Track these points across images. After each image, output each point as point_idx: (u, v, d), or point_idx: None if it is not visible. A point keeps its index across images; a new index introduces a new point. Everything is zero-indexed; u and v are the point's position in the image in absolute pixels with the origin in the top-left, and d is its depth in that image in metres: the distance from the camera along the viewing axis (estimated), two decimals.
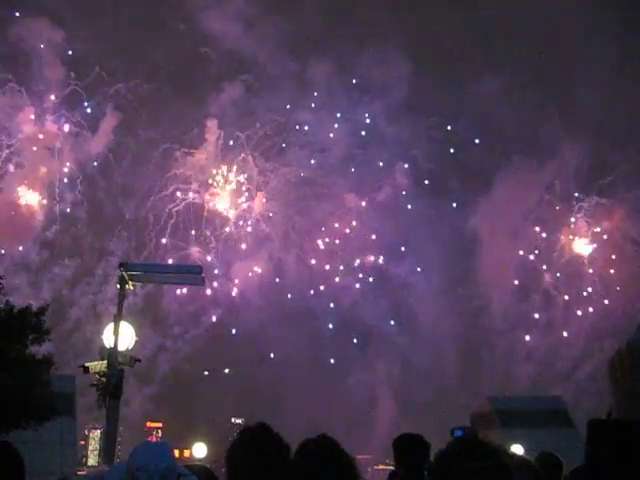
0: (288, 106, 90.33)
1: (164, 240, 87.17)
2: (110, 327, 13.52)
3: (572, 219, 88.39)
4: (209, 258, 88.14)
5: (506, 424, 50.25)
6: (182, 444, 64.79)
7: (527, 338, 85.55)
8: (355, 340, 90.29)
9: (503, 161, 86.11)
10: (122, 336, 13.43)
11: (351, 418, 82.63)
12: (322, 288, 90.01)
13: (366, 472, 73.49)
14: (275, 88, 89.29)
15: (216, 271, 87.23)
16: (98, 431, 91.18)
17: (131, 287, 13.72)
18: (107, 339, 13.49)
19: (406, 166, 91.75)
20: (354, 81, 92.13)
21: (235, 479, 3.41)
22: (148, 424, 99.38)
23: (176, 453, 4.06)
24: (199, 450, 40.92)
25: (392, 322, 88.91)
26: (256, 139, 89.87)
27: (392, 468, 6.78)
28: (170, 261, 79.62)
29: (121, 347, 13.41)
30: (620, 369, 1.98)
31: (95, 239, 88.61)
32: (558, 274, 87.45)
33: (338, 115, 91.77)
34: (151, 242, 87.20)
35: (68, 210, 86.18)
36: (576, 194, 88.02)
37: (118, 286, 13.74)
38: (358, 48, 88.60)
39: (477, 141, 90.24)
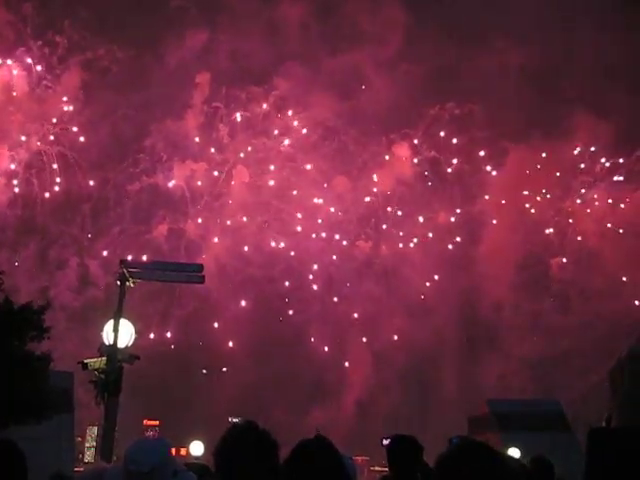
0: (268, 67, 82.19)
1: (126, 222, 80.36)
2: (110, 324, 13.55)
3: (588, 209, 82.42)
4: (180, 230, 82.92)
5: (504, 427, 50.24)
6: (179, 442, 64.54)
7: (530, 337, 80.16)
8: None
9: (513, 137, 78.41)
10: (121, 333, 13.46)
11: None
12: (307, 274, 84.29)
13: (362, 473, 73.22)
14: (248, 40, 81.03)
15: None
16: (95, 428, 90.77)
17: (132, 284, 13.73)
18: (107, 336, 13.51)
19: (402, 142, 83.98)
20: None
21: (222, 475, 3.47)
22: (145, 422, 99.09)
23: (172, 451, 4.10)
24: (196, 448, 40.93)
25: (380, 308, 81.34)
26: (231, 109, 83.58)
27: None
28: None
29: (120, 344, 13.43)
30: (620, 376, 1.98)
31: (49, 218, 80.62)
32: (569, 268, 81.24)
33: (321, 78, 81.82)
34: (113, 224, 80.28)
35: (18, 183, 78.93)
36: (592, 178, 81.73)
37: (118, 283, 13.75)
38: None
39: (483, 113, 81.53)
